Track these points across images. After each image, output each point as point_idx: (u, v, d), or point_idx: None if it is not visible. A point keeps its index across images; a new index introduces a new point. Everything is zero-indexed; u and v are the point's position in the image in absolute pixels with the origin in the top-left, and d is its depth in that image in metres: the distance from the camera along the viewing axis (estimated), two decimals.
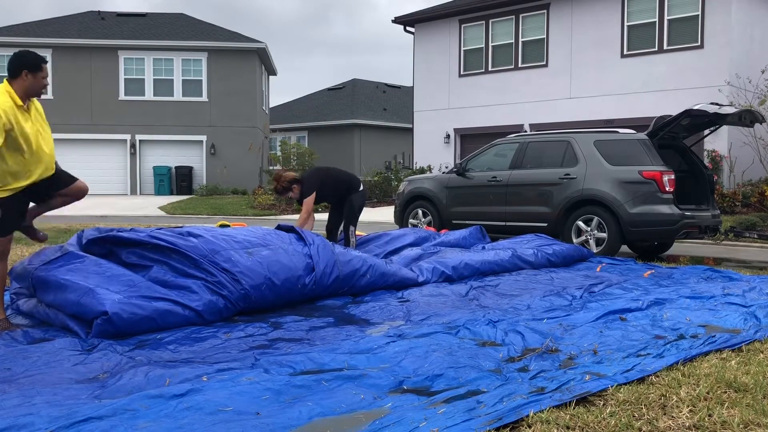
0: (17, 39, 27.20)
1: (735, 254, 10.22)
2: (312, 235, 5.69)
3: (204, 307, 4.61)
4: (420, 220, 10.78)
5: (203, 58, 27.95)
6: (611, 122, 18.05)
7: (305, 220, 7.26)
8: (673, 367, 3.54)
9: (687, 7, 17.14)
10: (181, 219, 17.69)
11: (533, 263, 7.40)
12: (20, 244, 9.53)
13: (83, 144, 27.75)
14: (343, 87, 40.43)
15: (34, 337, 4.22)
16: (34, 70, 4.36)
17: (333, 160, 33.87)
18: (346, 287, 5.63)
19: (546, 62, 19.75)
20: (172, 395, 2.93)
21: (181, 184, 27.39)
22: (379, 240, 8.13)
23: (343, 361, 3.56)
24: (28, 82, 4.36)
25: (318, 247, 5.52)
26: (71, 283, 4.41)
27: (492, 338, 4.13)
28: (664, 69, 17.47)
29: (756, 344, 4.08)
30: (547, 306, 5.23)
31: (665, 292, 5.73)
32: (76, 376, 3.43)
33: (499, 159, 10.19)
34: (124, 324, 4.19)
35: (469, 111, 21.37)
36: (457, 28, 21.61)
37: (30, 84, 4.37)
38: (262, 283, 4.98)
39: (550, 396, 3.01)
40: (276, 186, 7.52)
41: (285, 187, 7.46)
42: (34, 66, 4.37)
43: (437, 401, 2.99)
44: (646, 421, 2.79)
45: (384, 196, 23.73)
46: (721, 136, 15.93)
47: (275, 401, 2.96)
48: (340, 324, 4.65)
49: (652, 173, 8.53)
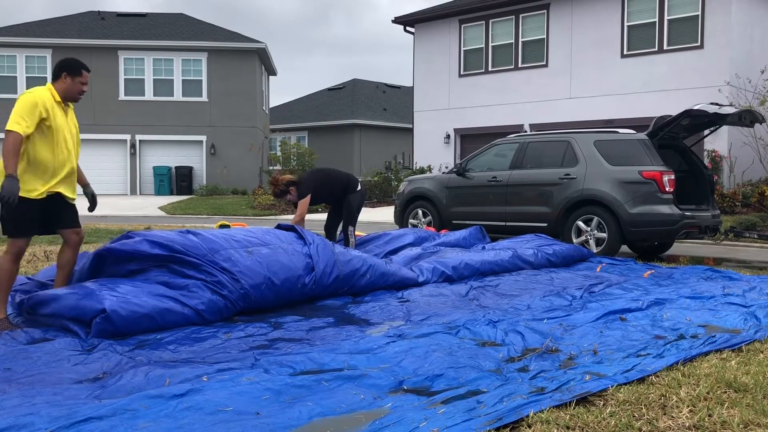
0: (17, 39, 27.22)
1: (735, 254, 10.22)
2: (312, 234, 5.69)
3: (204, 306, 4.61)
4: (420, 220, 10.77)
5: (203, 58, 27.95)
6: (611, 122, 18.04)
7: (297, 223, 7.17)
8: (673, 367, 3.54)
9: (687, 7, 17.14)
10: (181, 219, 17.69)
11: (533, 263, 7.40)
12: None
13: (83, 144, 27.60)
14: (343, 87, 40.43)
15: (34, 337, 4.22)
16: (73, 74, 4.57)
17: (333, 160, 33.88)
18: (346, 287, 5.63)
19: (546, 62, 19.75)
20: (172, 395, 2.93)
21: (181, 184, 27.39)
22: (379, 240, 8.13)
23: (343, 361, 3.56)
24: (67, 85, 4.55)
25: (318, 247, 5.51)
26: (66, 291, 4.44)
27: (492, 338, 4.13)
28: (664, 69, 17.46)
29: (756, 344, 4.08)
30: (547, 306, 5.23)
31: (665, 292, 5.73)
32: (76, 376, 3.43)
33: (499, 159, 10.19)
34: (124, 322, 4.19)
35: (469, 111, 21.37)
36: (457, 28, 21.61)
37: (68, 87, 4.56)
38: (261, 283, 4.97)
39: (550, 396, 3.01)
40: (273, 189, 7.51)
41: (282, 191, 7.45)
42: (74, 70, 4.58)
43: (437, 401, 2.99)
44: (646, 421, 2.79)
45: (384, 196, 23.73)
46: (721, 136, 15.93)
47: (275, 401, 2.96)
48: (340, 324, 4.65)
49: (652, 173, 8.53)
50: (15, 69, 27.51)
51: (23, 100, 4.36)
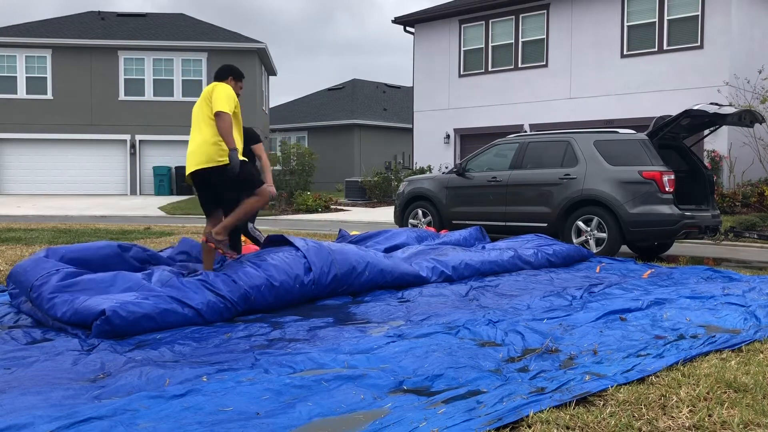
0: (17, 39, 27.21)
1: (735, 254, 10.22)
2: (303, 241, 5.71)
3: (204, 306, 4.61)
4: (420, 221, 10.78)
5: (203, 58, 27.96)
6: (611, 122, 18.05)
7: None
8: (673, 368, 3.54)
9: (687, 7, 17.15)
10: (180, 219, 17.69)
11: (533, 263, 7.40)
12: (20, 244, 9.53)
13: (83, 144, 27.76)
14: (343, 87, 40.43)
15: (34, 337, 4.22)
16: (237, 78, 5.57)
17: (333, 160, 33.90)
18: (345, 285, 5.62)
19: (546, 62, 19.75)
20: (172, 395, 2.93)
21: (181, 184, 27.38)
22: (378, 237, 8.11)
23: (343, 361, 3.56)
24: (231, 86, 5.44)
25: (312, 250, 5.52)
26: (66, 297, 4.44)
27: (492, 338, 4.12)
28: (664, 69, 17.47)
29: (756, 344, 4.08)
30: (547, 306, 5.23)
31: (665, 292, 5.73)
32: (76, 376, 3.43)
33: (499, 159, 10.19)
34: (123, 323, 4.19)
35: (469, 111, 21.37)
36: (457, 28, 21.61)
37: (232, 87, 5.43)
38: (261, 284, 4.99)
39: (550, 396, 3.01)
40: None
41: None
42: (238, 75, 5.60)
43: (437, 401, 2.99)
44: (646, 421, 2.79)
45: (384, 196, 23.73)
46: (721, 137, 15.94)
47: (275, 401, 2.97)
48: (340, 324, 4.65)
49: (652, 173, 8.54)
50: (15, 69, 27.50)
51: (224, 90, 5.24)
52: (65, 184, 27.98)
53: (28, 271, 4.89)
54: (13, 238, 10.47)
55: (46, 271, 4.75)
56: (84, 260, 5.28)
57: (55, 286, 4.56)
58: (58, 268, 4.82)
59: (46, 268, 4.80)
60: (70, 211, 19.91)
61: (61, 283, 4.59)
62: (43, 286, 4.59)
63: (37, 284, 4.63)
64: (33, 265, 4.93)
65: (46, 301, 4.47)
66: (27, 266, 4.97)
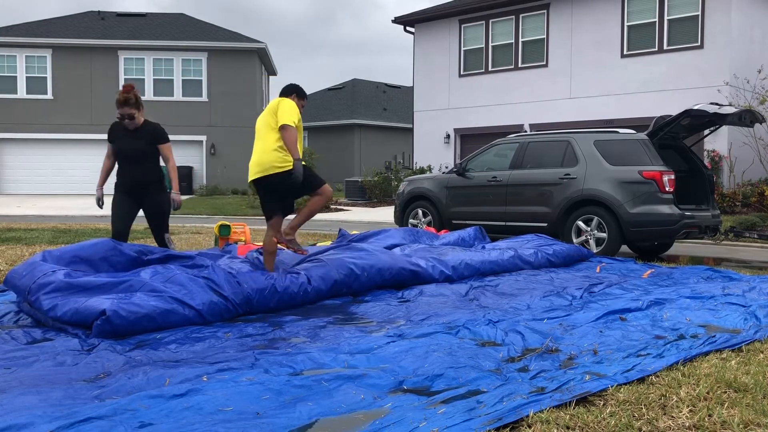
0: (17, 39, 27.22)
1: (735, 254, 10.22)
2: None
3: (205, 306, 4.61)
4: (420, 220, 10.78)
5: (203, 58, 27.96)
6: (611, 122, 18.04)
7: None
8: (673, 367, 3.54)
9: (687, 7, 17.14)
10: (180, 219, 17.68)
11: (533, 263, 7.40)
12: (20, 244, 9.54)
13: (83, 144, 27.75)
14: (343, 87, 40.43)
15: (34, 337, 4.22)
16: (300, 97, 5.88)
17: (333, 160, 33.90)
18: (345, 289, 5.65)
19: (546, 62, 19.75)
20: (172, 395, 2.93)
21: (181, 184, 27.37)
22: (378, 236, 8.10)
23: (343, 361, 3.56)
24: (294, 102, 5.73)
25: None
26: (66, 300, 4.43)
27: (492, 338, 4.12)
28: (664, 69, 17.47)
29: (756, 344, 4.08)
30: (547, 306, 5.23)
31: (665, 292, 5.72)
32: (76, 376, 3.42)
33: (499, 159, 10.19)
34: (124, 322, 4.19)
35: (469, 111, 21.37)
36: (457, 28, 21.61)
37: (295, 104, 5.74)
38: (264, 288, 5.01)
39: (550, 396, 3.01)
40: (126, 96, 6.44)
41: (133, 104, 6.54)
42: (302, 94, 5.92)
43: (437, 401, 2.99)
44: (646, 421, 2.79)
45: (384, 196, 23.73)
46: (721, 136, 15.94)
47: (275, 401, 2.96)
48: (340, 324, 4.65)
49: (652, 173, 8.54)
50: (15, 69, 27.51)
51: (289, 105, 5.60)
52: (65, 184, 27.98)
53: (24, 275, 4.83)
54: (14, 238, 10.48)
55: (42, 273, 4.73)
56: (82, 259, 5.26)
57: (54, 287, 4.55)
58: (55, 269, 4.81)
59: (43, 270, 4.78)
60: (70, 211, 19.91)
61: (61, 282, 4.59)
62: (41, 288, 4.57)
63: (34, 287, 4.61)
64: (29, 268, 4.88)
65: (45, 302, 4.47)
66: (22, 270, 4.92)
